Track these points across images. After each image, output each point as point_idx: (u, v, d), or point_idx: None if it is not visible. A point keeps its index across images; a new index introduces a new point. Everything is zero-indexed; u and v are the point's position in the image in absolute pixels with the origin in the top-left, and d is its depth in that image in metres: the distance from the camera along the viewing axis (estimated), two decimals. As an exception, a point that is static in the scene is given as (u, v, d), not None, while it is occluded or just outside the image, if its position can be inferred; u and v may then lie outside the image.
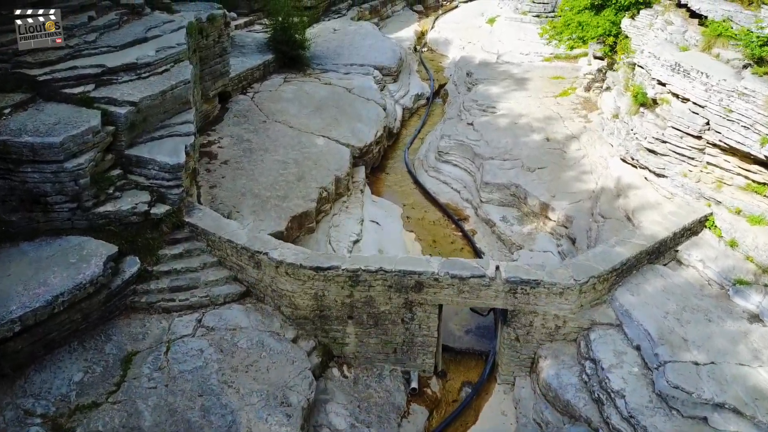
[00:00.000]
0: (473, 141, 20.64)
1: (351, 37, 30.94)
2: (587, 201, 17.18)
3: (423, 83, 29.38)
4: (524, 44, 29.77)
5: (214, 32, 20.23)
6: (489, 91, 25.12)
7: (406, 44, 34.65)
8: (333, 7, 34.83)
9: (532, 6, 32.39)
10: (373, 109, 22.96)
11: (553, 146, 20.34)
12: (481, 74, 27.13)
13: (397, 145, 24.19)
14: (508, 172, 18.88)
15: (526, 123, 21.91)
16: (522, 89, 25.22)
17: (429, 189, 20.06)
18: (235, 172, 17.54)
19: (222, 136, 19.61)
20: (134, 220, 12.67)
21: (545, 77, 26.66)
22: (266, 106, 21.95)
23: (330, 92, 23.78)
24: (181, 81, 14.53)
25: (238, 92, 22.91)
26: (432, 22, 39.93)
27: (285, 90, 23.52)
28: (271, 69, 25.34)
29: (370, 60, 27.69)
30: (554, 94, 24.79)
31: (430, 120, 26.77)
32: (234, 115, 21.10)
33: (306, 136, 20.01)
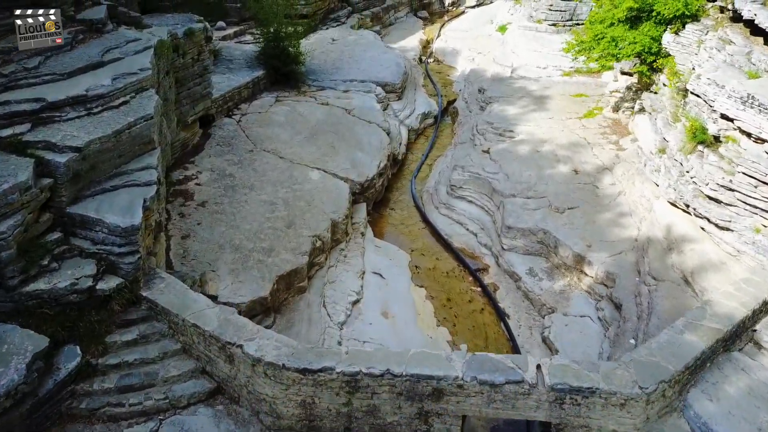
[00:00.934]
0: (491, 174, 17.93)
1: (351, 48, 28.26)
2: (630, 253, 14.49)
3: (430, 100, 26.70)
4: (541, 57, 27.10)
5: (193, 49, 17.56)
6: (505, 111, 22.43)
7: (411, 55, 31.96)
8: (331, 15, 32.16)
9: (548, 14, 29.75)
10: (375, 135, 20.26)
11: (583, 180, 17.65)
12: (495, 91, 24.44)
13: (403, 173, 21.50)
14: (534, 213, 16.18)
15: (550, 151, 19.22)
16: (542, 109, 22.54)
17: (440, 230, 17.36)
18: (214, 216, 14.87)
19: (201, 169, 16.94)
20: (75, 299, 10.00)
21: (566, 95, 24.00)
22: (254, 132, 19.28)
23: (327, 114, 21.10)
24: (141, 117, 11.85)
25: (222, 114, 20.25)
26: (438, 30, 37.25)
27: (276, 111, 20.84)
28: (262, 86, 22.67)
29: (371, 75, 25.01)
30: (578, 115, 22.11)
31: (439, 142, 24.07)
32: (217, 143, 18.43)
33: (299, 169, 17.33)
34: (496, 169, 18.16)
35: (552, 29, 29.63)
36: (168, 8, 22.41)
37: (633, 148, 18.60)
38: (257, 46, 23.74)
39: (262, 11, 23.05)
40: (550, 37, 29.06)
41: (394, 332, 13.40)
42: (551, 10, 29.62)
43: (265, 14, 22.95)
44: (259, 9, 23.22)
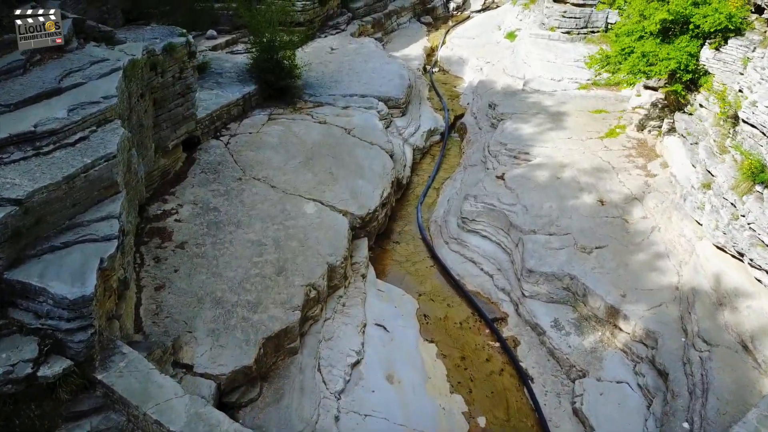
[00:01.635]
0: (507, 206, 16.02)
1: (351, 58, 26.38)
2: (672, 305, 12.59)
3: (436, 115, 24.81)
4: (555, 68, 25.22)
5: (174, 66, 15.67)
6: (519, 130, 20.53)
7: (415, 64, 30.07)
8: (330, 22, 30.27)
9: (561, 21, 27.84)
10: (377, 158, 18.37)
11: (611, 212, 15.76)
12: (508, 106, 22.55)
13: (407, 198, 19.61)
14: (558, 254, 14.28)
15: (571, 178, 17.32)
16: (559, 128, 20.64)
17: (451, 269, 15.47)
18: (194, 261, 12.99)
19: (183, 202, 15.06)
20: (10, 390, 8.12)
21: (585, 110, 22.11)
22: (244, 156, 17.39)
23: (325, 134, 19.21)
24: (102, 156, 9.97)
25: (209, 136, 18.37)
26: (443, 36, 35.36)
27: (269, 132, 18.95)
28: (254, 103, 20.79)
29: (373, 89, 23.12)
30: (599, 135, 20.22)
31: (446, 162, 22.18)
32: (202, 170, 16.55)
33: (292, 201, 15.45)
34: (513, 199, 16.25)
35: (566, 37, 27.74)
36: (155, 16, 20.73)
37: (665, 176, 16.70)
38: (249, 58, 21.88)
39: (253, 20, 21.16)
40: (564, 46, 27.18)
41: (400, 402, 11.52)
42: (565, 17, 27.71)
43: (257, 24, 21.07)
44: (251, 18, 21.35)
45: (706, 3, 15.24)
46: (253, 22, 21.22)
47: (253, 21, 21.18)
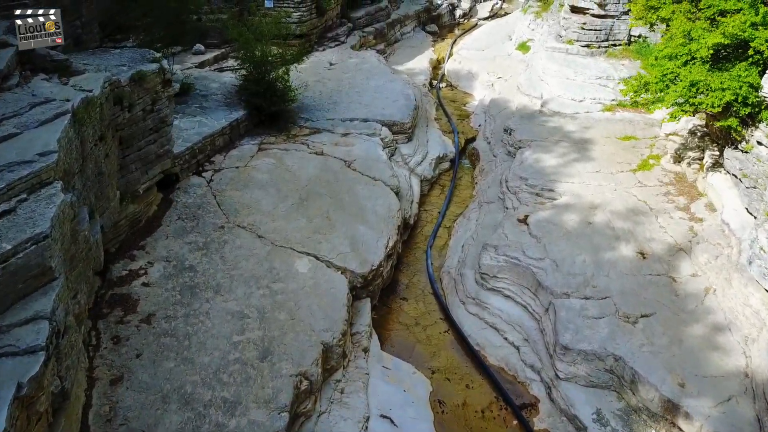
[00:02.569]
0: (533, 260, 13.74)
1: (351, 75, 24.14)
2: (744, 400, 10.32)
3: (444, 138, 22.54)
4: (576, 86, 22.97)
5: (145, 98, 13.42)
6: (540, 161, 18.26)
7: (420, 79, 27.84)
8: (329, 33, 28.01)
9: (580, 34, 25.58)
10: (381, 198, 16.11)
11: (654, 268, 13.49)
12: (525, 132, 20.28)
13: (415, 240, 17.35)
14: (596, 324, 12.01)
15: (605, 222, 15.06)
16: (585, 158, 18.38)
17: (469, 336, 13.20)
18: (161, 342, 10.73)
19: (154, 259, 12.81)
20: None
21: (612, 137, 19.85)
22: (228, 197, 15.14)
23: (321, 168, 16.96)
24: (29, 238, 7.69)
25: (190, 171, 16.11)
26: (449, 47, 33.14)
27: (258, 166, 16.70)
28: (242, 130, 18.55)
29: (376, 111, 20.88)
30: (631, 167, 17.96)
31: (458, 193, 19.94)
32: (179, 215, 14.30)
33: (282, 256, 13.19)
34: (540, 252, 13.96)
35: (585, 51, 25.50)
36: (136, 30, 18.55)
37: (714, 223, 14.42)
38: (238, 78, 19.61)
39: (242, 38, 18.88)
40: (584, 60, 24.93)
41: None
42: (584, 29, 25.45)
43: (246, 41, 18.79)
44: (238, 36, 19.07)
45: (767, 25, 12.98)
46: (241, 39, 18.93)
47: (242, 39, 18.89)
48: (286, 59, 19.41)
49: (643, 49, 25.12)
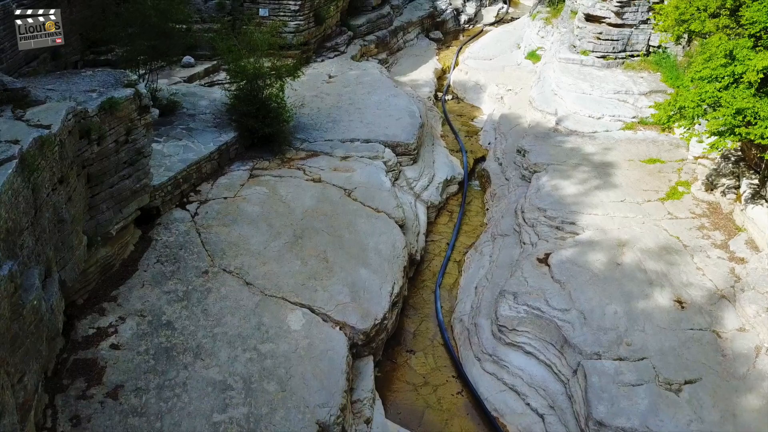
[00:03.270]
0: (558, 312, 12.14)
1: (352, 89, 22.54)
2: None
3: (451, 158, 20.91)
4: (593, 102, 21.35)
5: (118, 128, 11.84)
6: (559, 189, 16.65)
7: (425, 92, 26.23)
8: (328, 43, 26.39)
9: (596, 44, 23.97)
10: (386, 233, 14.53)
11: (695, 321, 11.89)
12: (540, 153, 18.68)
13: (422, 276, 15.76)
14: (635, 393, 10.41)
15: (635, 263, 13.46)
16: (608, 185, 16.77)
17: (486, 400, 11.59)
18: (128, 423, 9.16)
19: (126, 313, 11.25)
20: None
21: (635, 160, 18.24)
22: (214, 235, 13.56)
23: (319, 198, 15.38)
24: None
25: (173, 204, 14.53)
26: (455, 56, 31.49)
27: (249, 196, 15.12)
28: (232, 154, 16.97)
29: (378, 131, 19.29)
30: (658, 195, 16.36)
31: (467, 220, 18.35)
32: (157, 258, 12.72)
33: (272, 309, 11.61)
34: (565, 301, 12.36)
35: (601, 63, 23.89)
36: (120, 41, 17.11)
37: (760, 265, 12.81)
38: (228, 96, 17.97)
39: (232, 55, 17.27)
40: (600, 73, 23.33)
41: None
42: (600, 39, 23.84)
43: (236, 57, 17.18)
44: (227, 52, 17.48)
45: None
46: (230, 55, 17.32)
47: (231, 53, 17.28)
48: (280, 75, 17.80)
49: (663, 60, 23.53)
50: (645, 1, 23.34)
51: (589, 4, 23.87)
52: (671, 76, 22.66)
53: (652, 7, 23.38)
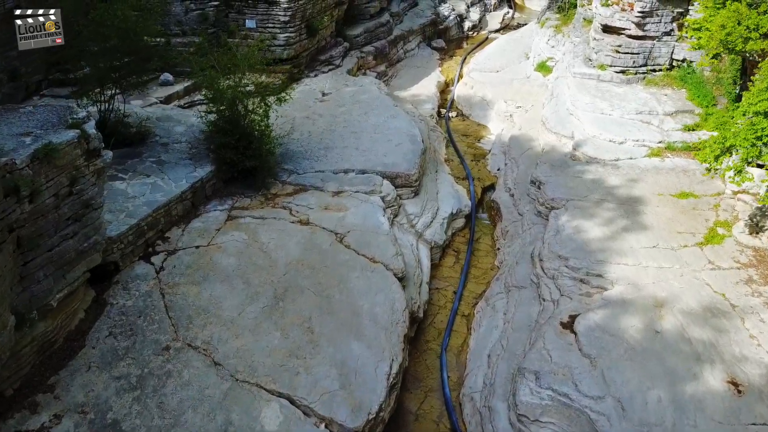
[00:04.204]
0: (590, 401, 10.06)
1: (347, 109, 20.47)
2: None
3: (457, 187, 18.81)
4: (613, 123, 19.26)
5: (59, 178, 9.79)
6: (581, 231, 14.57)
7: (427, 109, 24.18)
8: (322, 56, 24.29)
9: (614, 58, 21.88)
10: (383, 291, 12.46)
11: (757, 411, 9.82)
12: (558, 186, 16.59)
13: (425, 334, 13.70)
14: None
15: (677, 331, 11.39)
16: (637, 226, 14.70)
17: None
18: None
19: (63, 408, 9.26)
20: None
21: (665, 194, 16.15)
22: (181, 297, 11.52)
23: (306, 245, 13.32)
24: None
25: (136, 255, 12.47)
26: (459, 67, 29.42)
27: (225, 244, 13.06)
28: (209, 191, 14.92)
29: (375, 159, 17.24)
30: (696, 239, 14.29)
31: (476, 261, 16.31)
32: (110, 330, 10.68)
33: (243, 400, 9.56)
34: (598, 385, 10.27)
35: (620, 78, 21.80)
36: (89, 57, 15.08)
37: (829, 338, 10.73)
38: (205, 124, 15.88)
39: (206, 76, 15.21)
40: (620, 90, 21.24)
41: None
42: (619, 52, 21.75)
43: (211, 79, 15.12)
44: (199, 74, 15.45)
45: None
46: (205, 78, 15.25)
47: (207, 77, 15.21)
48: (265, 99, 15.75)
49: (688, 75, 21.41)
50: (669, 11, 21.24)
51: (607, 14, 21.78)
52: (698, 93, 20.56)
53: (676, 18, 21.35)
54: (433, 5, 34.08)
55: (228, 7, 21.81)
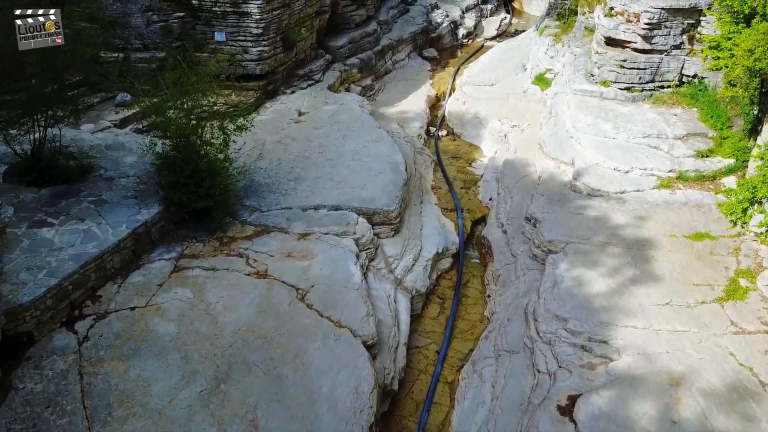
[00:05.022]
0: None
1: (324, 132, 18.55)
2: None
3: (444, 220, 16.89)
4: (618, 149, 17.30)
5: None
6: (583, 283, 12.62)
7: (415, 127, 22.28)
8: (300, 70, 22.32)
9: (618, 73, 19.89)
10: (347, 369, 10.49)
11: None
12: (556, 225, 14.64)
13: (400, 408, 11.77)
14: None
15: (698, 419, 9.46)
16: (647, 277, 12.74)
17: None
18: None
19: None
20: None
21: (678, 235, 14.18)
22: (103, 378, 9.63)
23: (260, 305, 11.40)
24: None
25: (57, 322, 10.56)
26: (451, 79, 27.47)
27: (166, 304, 11.15)
28: (156, 235, 13.01)
29: (351, 193, 15.31)
30: (715, 293, 12.35)
31: (463, 312, 14.38)
32: (8, 427, 8.74)
33: None
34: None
35: (625, 96, 19.82)
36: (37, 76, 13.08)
37: None
38: (153, 156, 13.91)
39: (152, 106, 13.30)
40: (624, 109, 19.26)
41: None
42: (624, 67, 19.75)
43: (158, 107, 13.21)
44: (139, 101, 13.55)
45: None
46: (152, 106, 13.33)
47: (152, 107, 13.29)
48: (225, 127, 13.85)
49: (699, 93, 19.46)
50: (678, 23, 19.28)
51: (611, 25, 19.82)
52: (711, 113, 18.61)
53: (686, 29, 19.42)
54: (425, 12, 32.16)
55: (195, 19, 19.87)
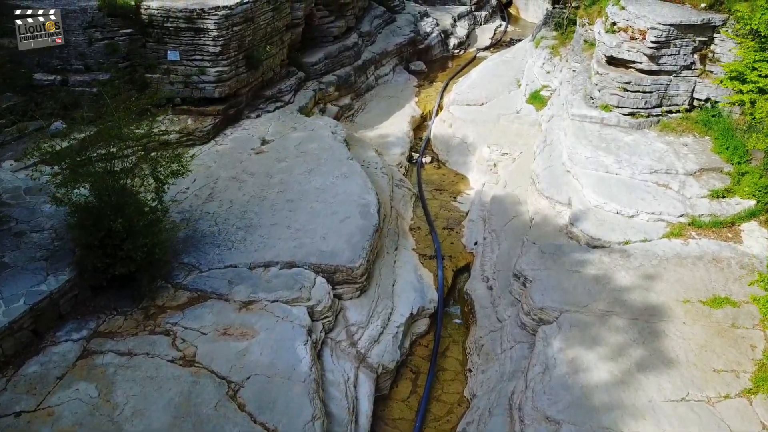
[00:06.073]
0: None
1: (288, 165, 16.33)
2: None
3: (421, 271, 14.67)
4: (622, 187, 15.04)
5: None
6: (580, 369, 10.36)
7: (395, 154, 20.07)
8: (268, 90, 20.02)
9: (621, 97, 17.63)
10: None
11: None
12: (549, 288, 12.36)
13: None
14: None
15: None
16: (657, 358, 10.53)
17: None
18: None
19: None
20: None
21: (693, 300, 11.96)
22: None
23: (179, 408, 9.21)
24: None
25: None
26: (439, 96, 25.20)
27: (60, 408, 8.97)
28: (66, 307, 10.84)
29: (310, 244, 13.08)
30: (740, 383, 10.20)
31: (439, 392, 12.15)
32: None
33: None
34: None
35: (629, 122, 17.59)
36: None
37: None
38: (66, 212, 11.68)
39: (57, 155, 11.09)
40: (628, 138, 17.03)
41: None
42: (628, 90, 17.51)
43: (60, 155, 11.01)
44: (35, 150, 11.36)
45: None
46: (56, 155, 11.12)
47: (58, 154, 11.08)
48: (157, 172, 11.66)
49: (713, 119, 17.23)
50: (689, 41, 17.07)
51: (613, 43, 17.59)
52: (726, 143, 16.39)
53: (697, 48, 17.21)
54: (413, 21, 29.91)
55: (145, 36, 17.59)
